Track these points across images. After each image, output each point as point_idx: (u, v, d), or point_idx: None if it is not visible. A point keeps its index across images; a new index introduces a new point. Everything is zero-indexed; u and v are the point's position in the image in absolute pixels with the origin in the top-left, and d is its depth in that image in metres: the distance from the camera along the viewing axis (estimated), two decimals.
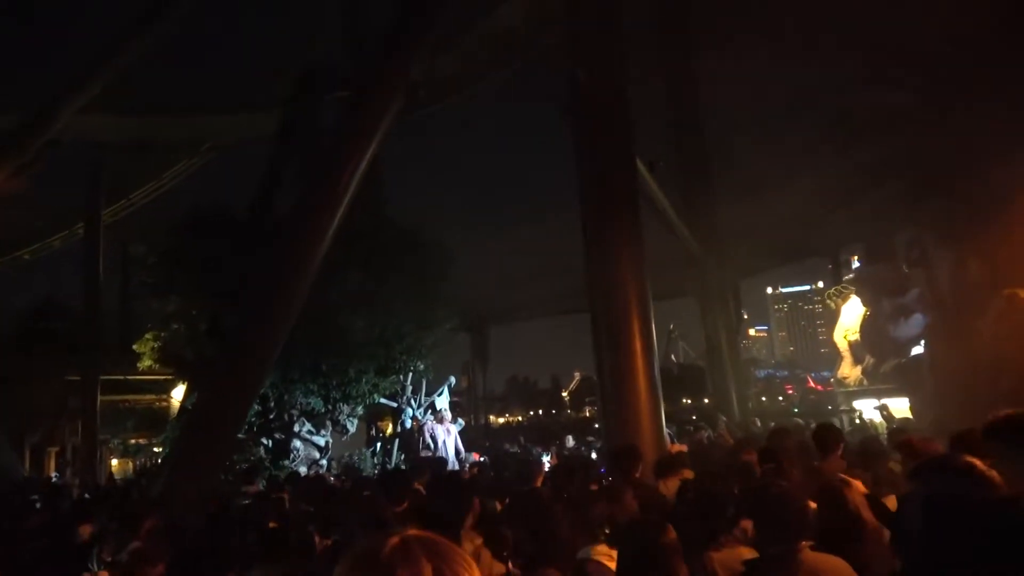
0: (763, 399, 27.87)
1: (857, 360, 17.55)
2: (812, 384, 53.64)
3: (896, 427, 10.49)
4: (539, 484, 6.48)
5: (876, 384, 16.20)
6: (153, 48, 26.00)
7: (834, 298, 19.02)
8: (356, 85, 10.82)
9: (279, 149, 22.73)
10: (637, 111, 10.31)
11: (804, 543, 3.15)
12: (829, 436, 5.68)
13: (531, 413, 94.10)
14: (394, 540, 1.32)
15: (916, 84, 17.20)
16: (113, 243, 33.70)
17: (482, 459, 13.75)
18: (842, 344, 18.40)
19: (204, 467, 9.41)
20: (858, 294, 17.97)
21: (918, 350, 15.12)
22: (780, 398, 40.03)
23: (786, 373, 77.24)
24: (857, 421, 14.04)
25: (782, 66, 19.37)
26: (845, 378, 17.93)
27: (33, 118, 23.92)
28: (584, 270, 9.74)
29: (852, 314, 18.07)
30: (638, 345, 9.13)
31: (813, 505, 3.95)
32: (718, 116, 21.99)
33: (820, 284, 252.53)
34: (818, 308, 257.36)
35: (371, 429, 18.97)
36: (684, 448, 10.47)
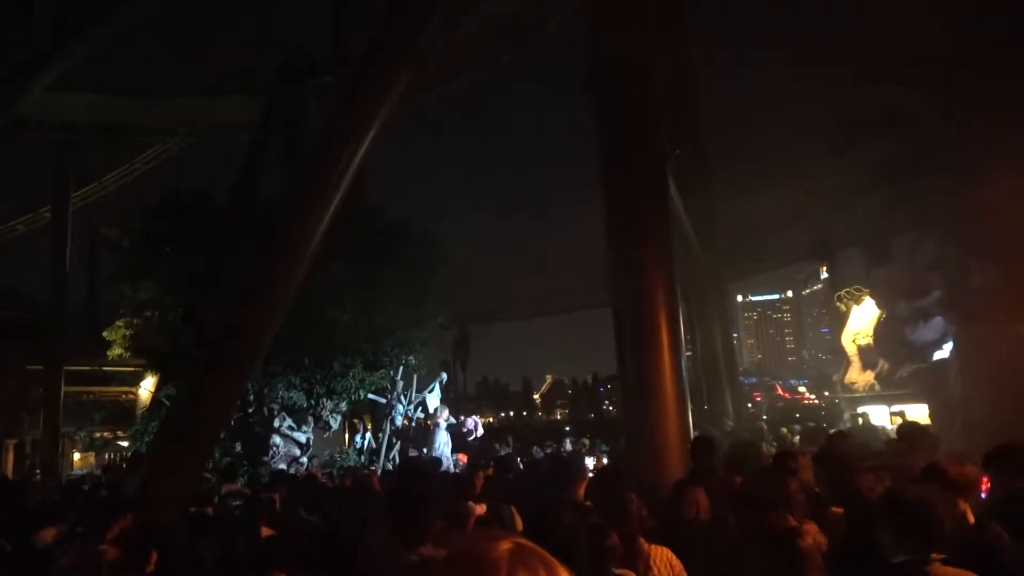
0: None
1: (867, 365, 17.06)
2: (780, 391, 53.81)
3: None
4: (582, 492, 5.72)
5: (890, 390, 15.74)
6: (126, 26, 24.98)
7: (846, 300, 18.47)
8: (357, 56, 9.99)
9: (260, 134, 21.90)
10: None
11: (936, 555, 2.95)
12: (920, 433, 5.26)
13: (502, 415, 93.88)
14: (507, 544, 1.24)
15: (921, 84, 16.84)
16: (81, 229, 32.48)
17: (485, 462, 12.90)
18: (850, 348, 17.87)
19: (186, 464, 8.55)
20: (872, 296, 17.46)
21: (940, 354, 14.67)
22: (749, 405, 39.87)
23: (754, 380, 77.58)
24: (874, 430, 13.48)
25: (783, 62, 18.98)
26: (853, 383, 17.40)
27: None
28: (604, 263, 9.06)
29: (864, 317, 17.56)
30: (665, 340, 8.47)
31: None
32: (715, 112, 21.53)
33: (789, 293, 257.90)
34: (786, 317, 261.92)
35: (360, 426, 18.12)
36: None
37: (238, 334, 9.43)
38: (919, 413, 13.64)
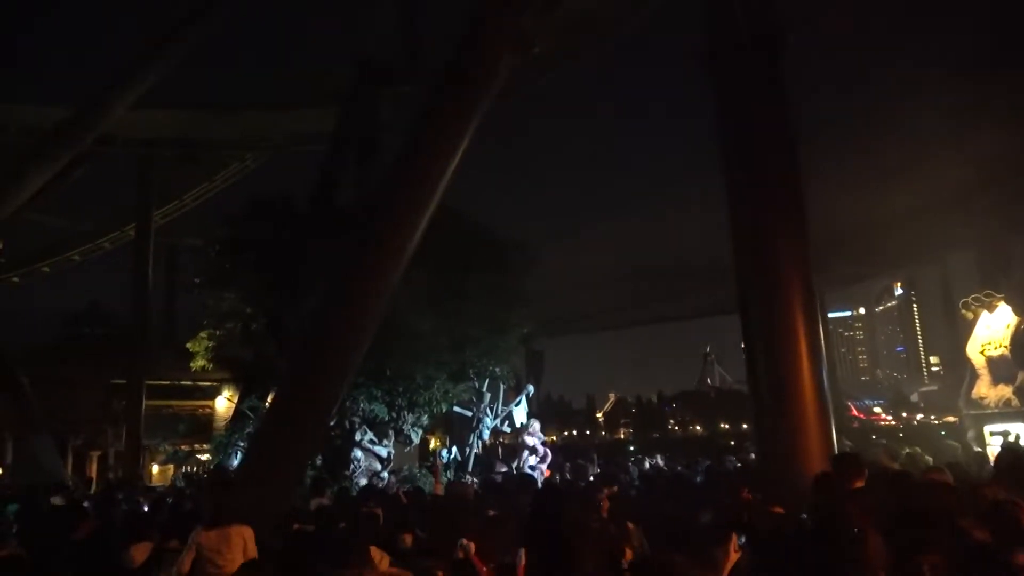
0: None
1: (999, 378, 15.55)
2: (854, 412, 51.18)
3: None
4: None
5: None
6: (204, 44, 25.33)
7: (973, 307, 16.90)
8: (457, 39, 9.40)
9: (337, 142, 21.77)
10: None
11: None
12: None
13: (565, 433, 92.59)
14: None
15: None
16: (164, 245, 33.30)
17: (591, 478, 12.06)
18: (978, 360, 16.27)
19: (278, 479, 7.99)
20: (1008, 301, 15.94)
21: None
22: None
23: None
24: None
25: (891, 42, 17.70)
26: (983, 399, 15.83)
27: (86, 110, 23.29)
28: (732, 256, 8.17)
29: (997, 325, 16.00)
30: (803, 346, 7.54)
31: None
32: (809, 95, 20.16)
33: (861, 310, 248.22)
34: (858, 335, 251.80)
35: (448, 440, 17.49)
36: None
37: (332, 344, 8.89)
38: None
